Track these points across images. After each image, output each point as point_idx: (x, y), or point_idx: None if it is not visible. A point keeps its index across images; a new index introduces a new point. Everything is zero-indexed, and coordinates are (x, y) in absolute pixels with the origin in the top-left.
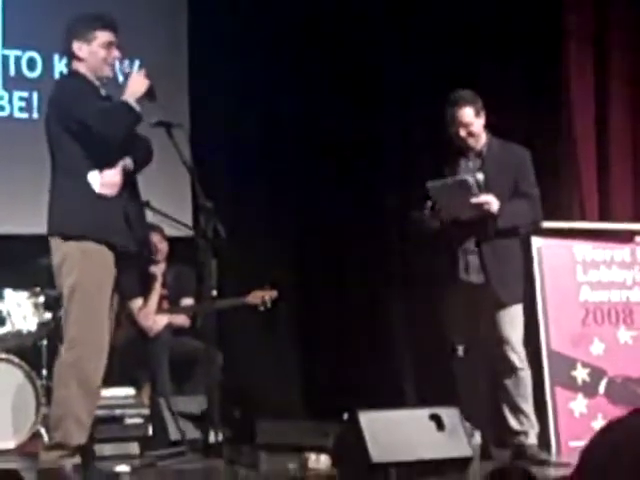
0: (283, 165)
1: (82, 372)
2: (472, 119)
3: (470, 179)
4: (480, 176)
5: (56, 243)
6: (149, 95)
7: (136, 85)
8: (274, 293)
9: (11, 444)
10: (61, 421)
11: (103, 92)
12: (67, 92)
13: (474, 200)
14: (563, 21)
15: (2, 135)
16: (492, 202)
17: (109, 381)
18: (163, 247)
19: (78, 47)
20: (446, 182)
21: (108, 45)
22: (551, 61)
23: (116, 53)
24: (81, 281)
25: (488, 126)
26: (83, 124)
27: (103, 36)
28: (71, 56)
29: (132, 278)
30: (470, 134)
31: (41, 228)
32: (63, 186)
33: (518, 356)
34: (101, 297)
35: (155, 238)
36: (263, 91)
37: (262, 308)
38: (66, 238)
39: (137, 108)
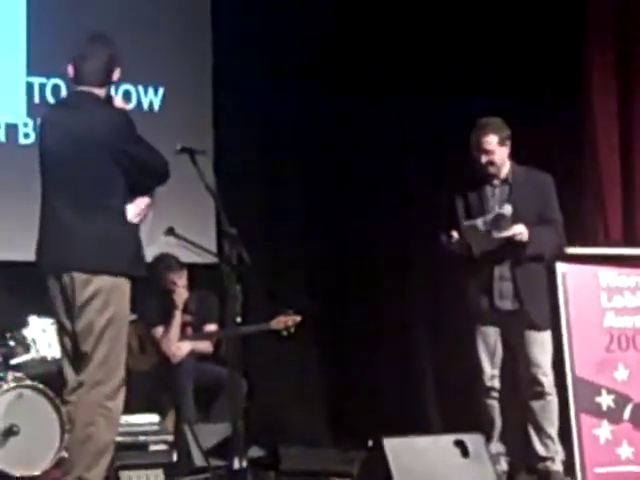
0: (312, 192)
1: (108, 410)
2: (495, 147)
3: (507, 212)
4: (510, 208)
5: (85, 277)
6: None
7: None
8: (298, 318)
9: (36, 471)
10: (94, 463)
11: None
12: (121, 129)
13: (507, 233)
14: (585, 47)
15: (26, 162)
16: (523, 232)
17: (133, 408)
18: (183, 283)
19: (118, 73)
20: (479, 222)
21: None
22: (574, 85)
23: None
24: (114, 321)
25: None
26: (146, 164)
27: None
28: (109, 83)
29: (153, 305)
30: (491, 162)
31: None
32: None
33: (548, 380)
34: (125, 333)
35: (174, 278)
36: (291, 117)
37: (285, 333)
38: (97, 273)
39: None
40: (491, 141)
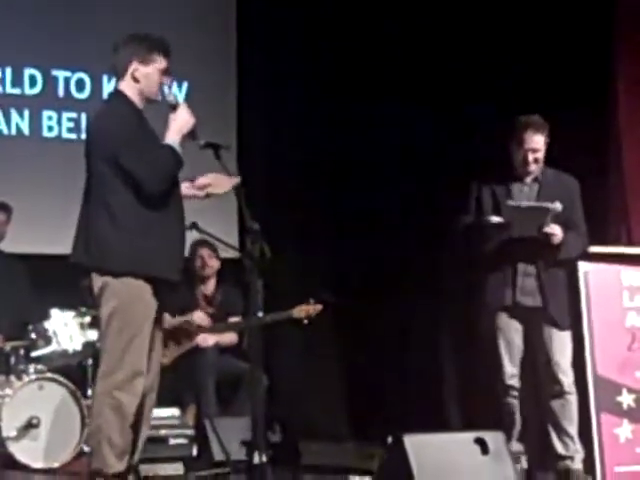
0: (338, 187)
1: (116, 400)
2: (541, 146)
3: (558, 207)
4: (560, 205)
5: (95, 275)
6: (192, 134)
7: (183, 122)
8: (319, 307)
9: (56, 463)
10: (98, 450)
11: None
12: (113, 134)
13: (547, 229)
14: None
15: (51, 155)
16: (559, 234)
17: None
18: (213, 263)
19: (135, 67)
20: (524, 206)
21: (164, 71)
22: (600, 87)
23: (167, 79)
24: (117, 311)
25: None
26: (129, 173)
27: (162, 62)
28: (121, 75)
29: (178, 297)
30: (536, 161)
31: None
32: (100, 218)
33: (567, 379)
34: (138, 328)
35: (204, 253)
36: (319, 112)
37: (306, 321)
38: (104, 274)
39: (181, 154)
40: (539, 140)
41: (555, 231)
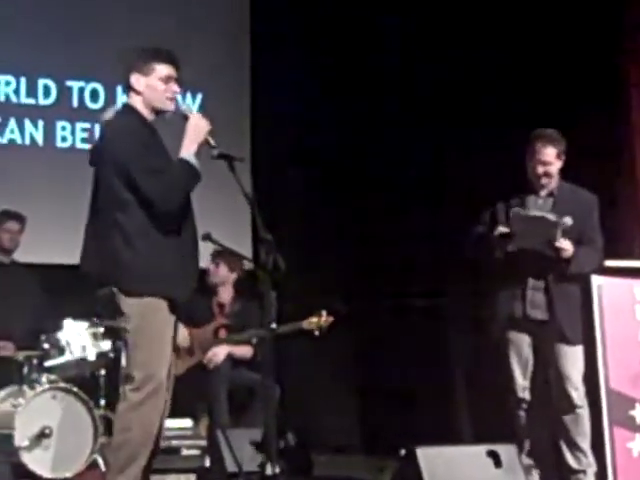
0: (344, 195)
1: (143, 415)
2: (552, 159)
3: (568, 222)
4: (570, 220)
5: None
6: (208, 141)
7: (198, 130)
8: (330, 319)
9: (68, 473)
10: (122, 465)
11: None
12: (124, 150)
13: (557, 244)
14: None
15: (65, 166)
16: (570, 249)
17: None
18: (222, 272)
19: (136, 79)
20: (531, 215)
21: (167, 79)
22: (613, 100)
23: (176, 88)
24: (139, 329)
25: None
26: (141, 191)
27: (162, 69)
28: (128, 89)
29: (194, 306)
30: (546, 174)
31: None
32: (113, 239)
33: (578, 394)
34: (160, 344)
35: (216, 261)
36: (327, 122)
37: (317, 333)
38: (123, 293)
39: (197, 165)
40: (550, 153)
41: (565, 246)
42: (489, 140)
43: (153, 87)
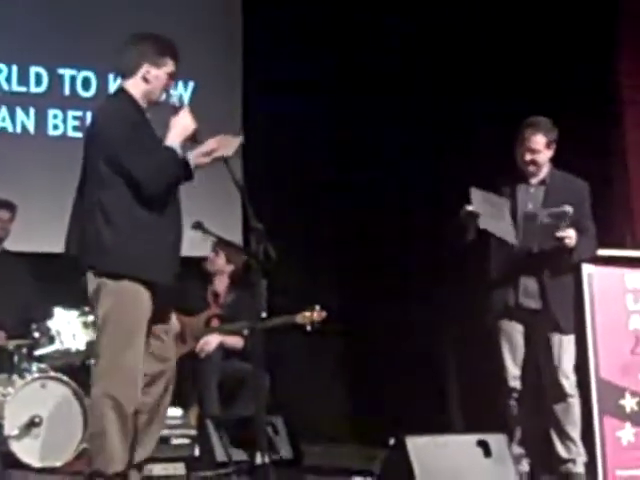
0: (343, 191)
1: (115, 401)
2: (541, 147)
3: (570, 211)
4: (571, 208)
5: (90, 275)
6: (193, 138)
7: (183, 127)
8: (323, 314)
9: (58, 462)
10: (100, 451)
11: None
12: (115, 132)
13: (562, 233)
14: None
15: (56, 154)
16: (573, 237)
17: None
18: (217, 261)
19: (147, 70)
20: (541, 213)
21: (172, 75)
22: (605, 92)
23: (172, 83)
24: (112, 312)
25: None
26: (131, 175)
27: (171, 65)
28: (129, 73)
29: (190, 295)
30: (533, 162)
31: None
32: (94, 220)
33: (569, 383)
34: (133, 329)
35: (213, 251)
36: (323, 115)
37: (309, 328)
38: (100, 275)
39: (182, 156)
40: (539, 141)
41: (569, 234)
42: (489, 140)
43: (160, 80)
